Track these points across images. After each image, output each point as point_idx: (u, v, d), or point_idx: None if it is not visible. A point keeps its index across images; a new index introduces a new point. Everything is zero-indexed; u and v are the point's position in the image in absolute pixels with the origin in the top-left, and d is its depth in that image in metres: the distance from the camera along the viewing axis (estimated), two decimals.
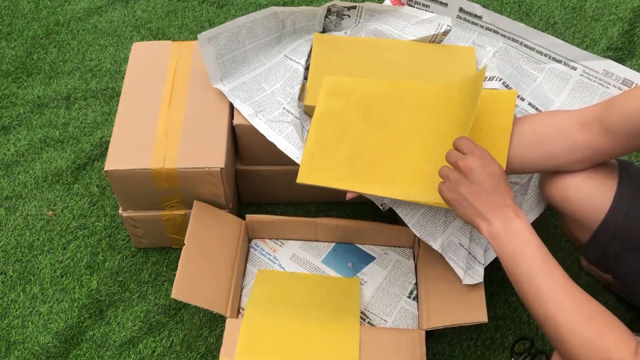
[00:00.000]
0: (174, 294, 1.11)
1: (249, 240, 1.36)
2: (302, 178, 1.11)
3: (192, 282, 1.15)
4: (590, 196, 0.99)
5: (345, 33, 1.39)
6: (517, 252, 0.85)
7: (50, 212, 1.47)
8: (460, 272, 1.14)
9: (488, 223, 0.88)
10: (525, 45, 1.33)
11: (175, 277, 1.14)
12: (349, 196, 1.09)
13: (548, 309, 0.81)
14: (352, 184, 1.09)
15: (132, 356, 1.27)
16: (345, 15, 1.38)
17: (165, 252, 1.40)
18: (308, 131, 1.24)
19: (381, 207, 1.17)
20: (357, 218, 1.34)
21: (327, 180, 1.10)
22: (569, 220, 1.05)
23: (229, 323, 1.14)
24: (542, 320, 0.83)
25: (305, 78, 1.31)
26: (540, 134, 1.02)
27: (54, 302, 1.34)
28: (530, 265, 0.84)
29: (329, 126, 1.15)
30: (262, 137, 1.22)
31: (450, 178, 0.92)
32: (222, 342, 1.12)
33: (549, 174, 1.05)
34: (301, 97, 1.29)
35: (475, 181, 0.89)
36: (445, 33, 1.32)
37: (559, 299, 0.81)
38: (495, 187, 0.89)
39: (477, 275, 1.15)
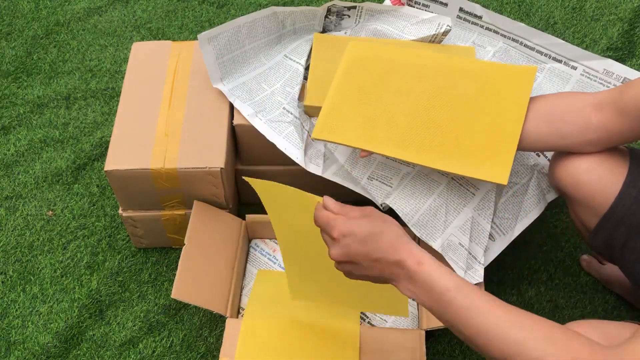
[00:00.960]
0: (174, 294, 1.11)
1: (249, 240, 1.36)
2: (317, 134, 1.12)
3: (192, 282, 1.15)
4: (601, 180, 1.00)
5: (345, 33, 1.39)
6: (438, 304, 0.76)
7: (50, 212, 1.47)
8: (460, 272, 1.14)
9: (400, 286, 0.79)
10: (525, 45, 1.33)
11: (175, 277, 1.14)
12: (362, 154, 1.10)
13: (503, 346, 0.72)
14: (366, 143, 1.10)
15: (132, 356, 1.27)
16: (345, 15, 1.38)
17: (165, 252, 1.40)
18: (310, 128, 1.24)
19: (381, 207, 1.17)
20: None
21: (342, 138, 1.11)
22: (578, 204, 1.05)
23: (229, 323, 1.14)
24: (502, 358, 0.73)
25: (305, 78, 1.31)
26: (555, 112, 1.03)
27: (54, 302, 1.34)
28: (459, 312, 0.74)
29: (349, 88, 1.16)
30: (262, 137, 1.22)
31: (342, 270, 0.82)
32: (222, 342, 1.12)
33: (560, 157, 1.06)
34: (301, 97, 1.29)
35: (359, 259, 0.79)
36: (445, 33, 1.32)
37: (508, 332, 0.72)
38: (378, 249, 0.78)
39: (477, 275, 1.15)
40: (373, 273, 0.79)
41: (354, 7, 1.37)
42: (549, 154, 1.24)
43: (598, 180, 1.00)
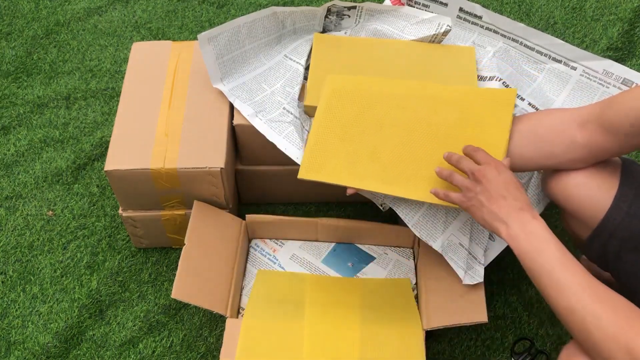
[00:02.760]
0: (174, 294, 1.11)
1: (249, 240, 1.36)
2: (303, 174, 1.12)
3: (192, 282, 1.15)
4: (591, 194, 1.00)
5: (345, 33, 1.39)
6: (536, 250, 0.87)
7: (50, 212, 1.47)
8: (460, 272, 1.14)
9: (507, 226, 0.91)
10: (525, 45, 1.33)
11: (175, 277, 1.14)
12: (349, 192, 1.11)
13: (570, 303, 0.82)
14: (353, 180, 1.10)
15: (132, 356, 1.27)
16: (345, 15, 1.38)
17: (165, 252, 1.40)
18: (310, 128, 1.24)
19: (381, 207, 1.17)
20: (357, 218, 1.34)
21: (328, 177, 1.11)
22: (570, 217, 1.06)
23: (229, 323, 1.14)
24: (565, 314, 0.84)
25: (305, 78, 1.31)
26: (539, 133, 1.03)
27: (54, 302, 1.34)
28: (549, 261, 0.86)
29: (332, 123, 1.15)
30: (262, 137, 1.22)
31: (469, 186, 0.96)
32: (222, 342, 1.12)
33: (551, 172, 1.06)
34: (301, 97, 1.29)
35: (493, 188, 0.93)
36: (445, 33, 1.32)
37: (581, 292, 0.82)
38: (511, 193, 0.92)
39: (477, 275, 1.15)
40: (491, 204, 0.93)
41: (354, 7, 1.37)
42: None
43: (588, 195, 1.01)
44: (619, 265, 1.01)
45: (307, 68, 1.32)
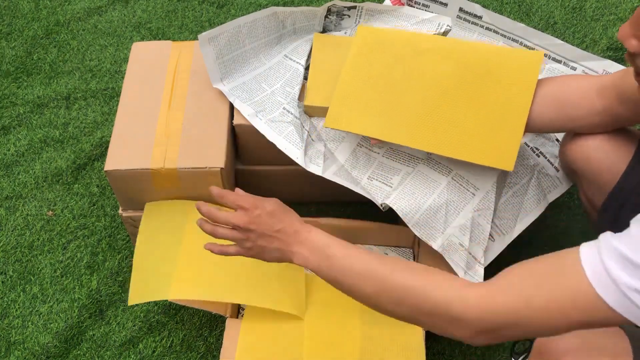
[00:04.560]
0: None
1: None
2: (329, 123, 1.15)
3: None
4: (609, 157, 1.04)
5: (345, 33, 1.39)
6: (326, 259, 0.87)
7: (50, 212, 1.47)
8: (460, 272, 1.14)
9: (292, 253, 0.90)
10: (525, 46, 1.33)
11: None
12: (372, 142, 1.15)
13: (380, 282, 0.82)
14: (377, 131, 1.13)
15: (132, 356, 1.27)
16: (345, 15, 1.38)
17: None
18: (310, 127, 1.24)
19: (381, 207, 1.17)
20: (357, 218, 1.34)
21: (353, 127, 1.13)
22: (587, 182, 1.09)
23: (229, 323, 1.14)
24: (376, 306, 0.85)
25: (305, 78, 1.31)
26: (562, 97, 1.07)
27: (54, 302, 1.34)
28: (342, 262, 0.86)
29: (360, 73, 1.18)
30: (262, 137, 1.22)
31: (242, 237, 0.92)
32: (222, 342, 1.12)
33: (570, 135, 1.09)
34: (301, 97, 1.29)
35: (265, 229, 0.91)
36: (445, 33, 1.32)
37: (382, 270, 0.82)
38: (283, 221, 0.91)
39: (477, 276, 1.15)
40: (271, 244, 0.91)
41: (354, 7, 1.37)
42: (549, 155, 1.24)
43: (606, 157, 1.04)
44: None
45: (307, 68, 1.32)
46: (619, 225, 1.03)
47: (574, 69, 1.28)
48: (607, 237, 0.72)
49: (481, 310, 0.75)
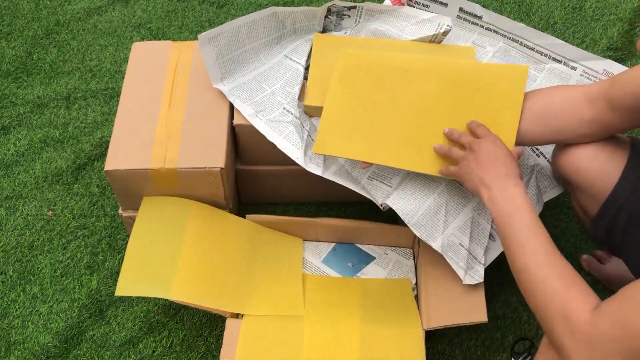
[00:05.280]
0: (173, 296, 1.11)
1: None
2: (318, 149, 1.15)
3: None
4: (601, 166, 1.03)
5: (345, 33, 1.39)
6: (509, 214, 0.92)
7: (50, 212, 1.47)
8: (460, 272, 1.14)
9: (488, 189, 0.96)
10: (525, 45, 1.33)
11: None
12: (362, 165, 1.16)
13: (526, 262, 0.88)
14: (366, 155, 1.13)
15: (132, 356, 1.27)
16: (345, 15, 1.38)
17: None
18: (309, 127, 1.25)
19: (381, 207, 1.17)
20: (357, 218, 1.34)
21: (342, 151, 1.14)
22: (580, 192, 1.08)
23: (229, 323, 1.14)
24: (518, 273, 0.89)
25: (305, 78, 1.31)
26: (549, 109, 1.07)
27: (54, 302, 1.34)
28: (519, 224, 0.91)
29: (345, 97, 1.18)
30: (262, 137, 1.22)
31: (464, 156, 1.02)
32: (222, 342, 1.12)
33: (561, 147, 1.09)
34: (301, 97, 1.29)
35: (483, 155, 0.99)
36: (445, 33, 1.32)
37: (537, 255, 0.87)
38: (500, 161, 0.98)
39: (477, 275, 1.15)
40: (480, 169, 0.98)
41: (354, 7, 1.37)
42: (549, 155, 1.24)
43: (598, 166, 1.03)
44: (625, 239, 1.03)
45: (307, 68, 1.32)
46: (614, 234, 1.03)
47: (574, 68, 1.28)
48: None
49: (589, 340, 0.78)
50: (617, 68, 1.24)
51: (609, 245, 1.09)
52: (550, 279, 0.84)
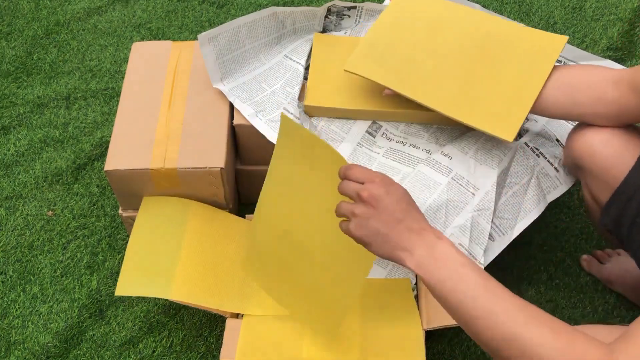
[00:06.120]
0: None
1: None
2: (350, 67, 1.18)
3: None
4: (616, 152, 1.03)
5: (345, 33, 1.39)
6: (452, 278, 0.76)
7: (50, 212, 1.47)
8: None
9: (410, 253, 0.79)
10: None
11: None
12: (385, 92, 1.17)
13: (508, 329, 0.72)
14: (394, 83, 1.15)
15: (132, 356, 1.27)
16: (345, 15, 1.38)
17: None
18: (310, 127, 1.24)
19: None
20: None
21: (371, 74, 1.17)
22: (592, 177, 1.07)
23: (229, 323, 1.14)
24: (502, 343, 0.73)
25: (305, 78, 1.31)
26: (573, 82, 1.07)
27: (54, 302, 1.34)
28: (472, 287, 0.75)
29: (389, 27, 1.21)
30: (262, 137, 1.22)
31: (357, 213, 0.80)
32: (222, 342, 1.12)
33: (577, 129, 1.09)
34: (301, 97, 1.29)
35: (385, 211, 0.79)
36: None
37: (514, 316, 0.72)
38: (407, 213, 0.80)
39: None
40: (388, 230, 0.79)
41: (354, 7, 1.37)
42: (549, 155, 1.24)
43: (613, 152, 1.03)
44: (632, 231, 1.02)
45: (307, 68, 1.32)
46: (623, 223, 1.03)
47: None
48: None
49: None
50: (617, 68, 1.24)
51: (616, 235, 1.09)
52: (548, 340, 0.70)
